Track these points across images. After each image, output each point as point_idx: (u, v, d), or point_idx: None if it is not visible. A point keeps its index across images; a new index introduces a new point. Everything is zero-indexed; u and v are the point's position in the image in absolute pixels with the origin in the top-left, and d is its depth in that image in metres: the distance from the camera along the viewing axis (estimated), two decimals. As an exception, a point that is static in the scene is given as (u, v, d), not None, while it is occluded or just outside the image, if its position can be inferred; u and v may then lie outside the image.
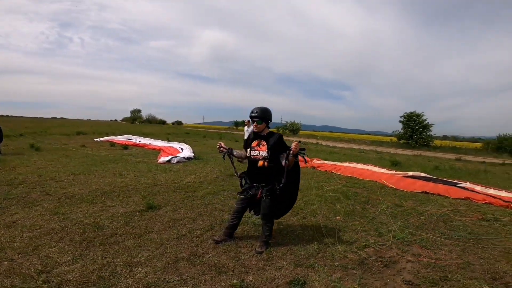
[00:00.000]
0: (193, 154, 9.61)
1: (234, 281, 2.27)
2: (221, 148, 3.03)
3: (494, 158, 19.27)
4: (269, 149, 2.82)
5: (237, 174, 3.12)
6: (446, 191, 6.45)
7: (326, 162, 10.35)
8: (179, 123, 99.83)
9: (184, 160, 8.67)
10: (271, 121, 2.95)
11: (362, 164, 9.88)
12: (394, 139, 27.93)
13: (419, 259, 2.85)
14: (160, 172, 6.60)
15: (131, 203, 4.20)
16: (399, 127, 26.83)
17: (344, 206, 4.67)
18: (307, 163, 5.10)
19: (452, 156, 18.90)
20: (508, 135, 22.10)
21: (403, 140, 26.07)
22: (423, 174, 8.66)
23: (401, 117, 26.37)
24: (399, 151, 20.75)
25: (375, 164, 10.17)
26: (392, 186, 6.76)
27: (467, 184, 7.45)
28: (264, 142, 2.87)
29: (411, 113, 25.60)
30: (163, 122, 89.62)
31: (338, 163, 10.10)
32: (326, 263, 2.70)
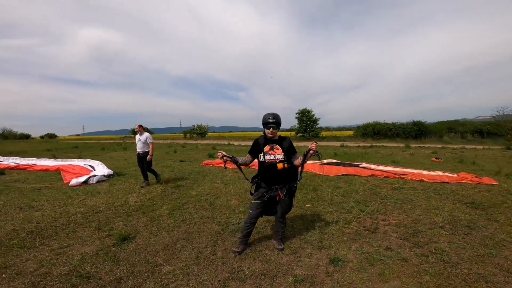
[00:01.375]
0: (111, 170, 8.18)
1: (290, 279, 2.38)
2: (224, 157, 2.95)
3: (362, 142, 25.29)
4: (285, 152, 2.94)
5: (249, 180, 3.09)
6: (356, 171, 8.13)
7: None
8: (51, 136, 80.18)
9: (105, 178, 7.28)
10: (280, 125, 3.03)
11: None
12: (293, 133, 32.22)
13: (390, 222, 3.65)
14: (86, 197, 5.34)
15: (90, 239, 3.32)
16: (293, 123, 31.08)
17: (303, 195, 5.22)
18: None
19: (337, 143, 23.54)
20: (369, 123, 29.49)
21: (299, 134, 30.37)
22: (334, 160, 10.55)
23: (296, 113, 30.76)
24: (300, 144, 24.08)
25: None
26: (321, 173, 7.96)
27: (364, 164, 9.63)
28: (277, 146, 2.96)
29: (304, 109, 30.22)
30: (26, 137, 69.82)
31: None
32: (338, 241, 3.16)
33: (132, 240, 3.27)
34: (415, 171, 8.40)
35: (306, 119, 29.52)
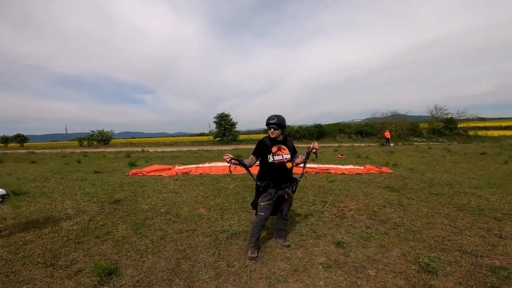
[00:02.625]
0: (2, 190, 6.10)
1: (320, 267, 2.63)
2: (233, 161, 2.82)
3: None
4: (291, 152, 3.04)
5: (260, 183, 3.01)
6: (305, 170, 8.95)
7: (188, 166, 10.42)
8: None
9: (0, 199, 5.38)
10: (285, 127, 3.06)
11: (221, 162, 10.99)
12: (211, 137, 32.03)
13: (351, 208, 4.26)
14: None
15: (52, 281, 2.46)
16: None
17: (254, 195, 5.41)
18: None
19: (252, 146, 24.93)
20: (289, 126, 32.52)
21: (218, 138, 30.53)
22: None
23: (214, 117, 30.74)
24: (224, 147, 24.28)
25: None
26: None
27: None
28: (283, 146, 3.02)
29: (222, 114, 30.57)
30: None
31: (200, 165, 10.56)
32: (327, 229, 3.58)
33: (119, 273, 2.61)
34: (334, 166, 9.93)
35: (225, 123, 29.99)
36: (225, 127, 29.79)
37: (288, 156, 3.04)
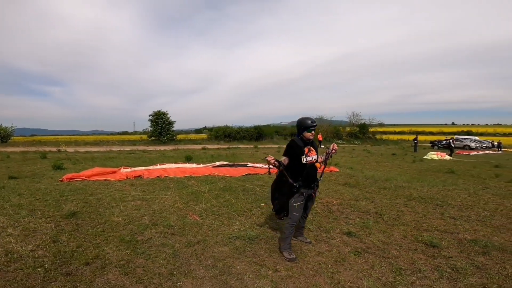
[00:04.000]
0: None
1: (352, 255, 3.07)
2: (275, 162, 2.88)
3: (217, 145, 27.46)
4: (317, 153, 3.14)
5: (295, 184, 3.02)
6: (251, 170, 9.07)
7: (136, 168, 9.35)
8: None
9: None
10: None
11: (174, 164, 10.25)
12: (145, 137, 29.28)
13: (334, 203, 4.71)
14: None
15: None
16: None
17: (246, 197, 5.33)
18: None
19: (198, 146, 24.11)
20: (220, 127, 32.34)
21: (153, 137, 28.16)
22: (224, 162, 11.00)
23: (149, 115, 28.20)
24: (163, 148, 22.52)
25: (179, 162, 11.03)
26: (228, 175, 8.16)
27: (252, 164, 10.84)
28: (312, 148, 3.10)
29: (158, 111, 28.30)
30: None
31: (151, 167, 9.64)
32: (328, 222, 3.99)
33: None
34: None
35: (162, 122, 27.91)
36: (162, 126, 27.73)
37: (316, 157, 3.17)
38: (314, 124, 3.10)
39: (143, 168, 9.50)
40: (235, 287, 2.44)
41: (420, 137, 31.13)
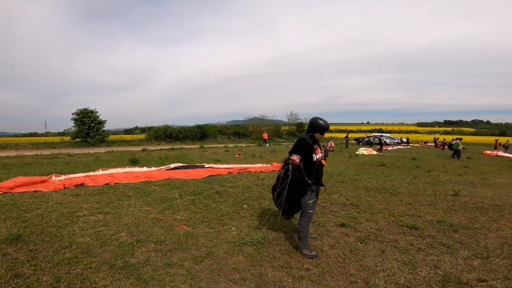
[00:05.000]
0: None
1: (360, 244, 3.34)
2: (300, 163, 2.99)
3: (158, 145, 25.55)
4: (322, 151, 3.22)
5: (311, 181, 3.08)
6: (211, 171, 8.74)
7: (72, 176, 7.88)
8: None
9: None
10: None
11: (121, 168, 9.05)
12: (67, 138, 24.97)
13: None
14: None
15: None
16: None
17: (224, 200, 5.08)
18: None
19: (137, 148, 21.89)
20: (159, 127, 30.11)
21: (78, 139, 24.27)
22: (180, 164, 10.23)
23: (73, 114, 24.12)
24: (94, 150, 19.56)
25: (123, 166, 9.85)
26: (189, 177, 7.62)
27: (209, 164, 10.44)
28: (318, 146, 3.19)
29: (85, 109, 24.43)
30: None
31: (92, 173, 8.29)
32: (318, 216, 4.16)
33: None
34: (250, 165, 10.53)
35: (89, 121, 24.26)
36: (89, 126, 24.06)
37: (321, 155, 3.25)
38: (328, 127, 3.22)
39: (83, 174, 8.10)
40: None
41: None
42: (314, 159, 3.10)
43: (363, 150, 19.35)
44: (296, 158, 2.98)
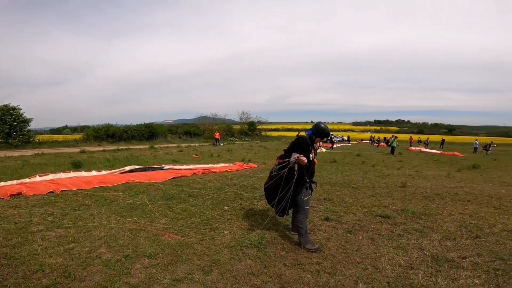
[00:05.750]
0: None
1: (349, 234, 3.64)
2: (307, 163, 3.11)
3: (99, 146, 22.95)
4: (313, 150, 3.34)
5: (309, 180, 3.23)
6: (173, 172, 8.27)
7: (3, 183, 6.53)
8: None
9: None
10: None
11: (63, 173, 7.86)
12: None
13: None
14: None
15: None
16: None
17: (201, 203, 4.85)
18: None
19: (74, 149, 19.26)
20: (100, 126, 27.01)
21: (-2, 140, 20.11)
22: (136, 166, 9.34)
23: (-12, 110, 19.80)
24: (18, 153, 16.42)
25: (64, 170, 8.65)
26: (151, 181, 7.02)
27: (169, 165, 9.84)
28: (312, 146, 3.32)
29: (6, 106, 20.26)
30: None
31: (27, 180, 7.02)
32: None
33: None
34: (213, 165, 10.24)
35: (11, 120, 20.31)
36: (11, 125, 20.12)
37: (314, 154, 3.39)
38: (332, 135, 3.48)
39: (15, 182, 6.78)
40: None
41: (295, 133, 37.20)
42: (311, 158, 3.26)
43: (314, 148, 20.65)
44: (304, 158, 3.06)
